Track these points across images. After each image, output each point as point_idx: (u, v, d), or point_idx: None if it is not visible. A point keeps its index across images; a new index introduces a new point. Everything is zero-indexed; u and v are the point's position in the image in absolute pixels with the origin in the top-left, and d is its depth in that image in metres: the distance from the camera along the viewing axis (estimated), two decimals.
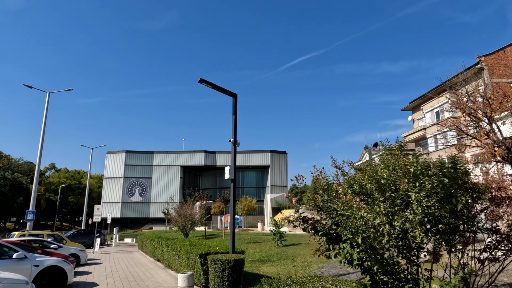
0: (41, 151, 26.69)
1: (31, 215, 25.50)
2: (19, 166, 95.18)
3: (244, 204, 38.23)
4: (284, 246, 19.82)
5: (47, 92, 28.06)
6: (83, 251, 17.45)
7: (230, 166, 9.82)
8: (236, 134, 10.08)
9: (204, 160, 56.07)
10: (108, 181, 56.88)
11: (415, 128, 44.93)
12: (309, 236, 7.02)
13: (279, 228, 20.28)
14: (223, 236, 28.22)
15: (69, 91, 28.94)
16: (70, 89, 28.98)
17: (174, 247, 12.40)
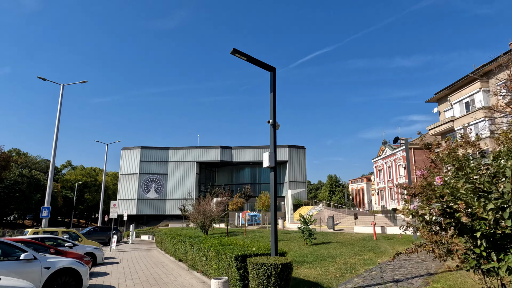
0: (56, 144, 25.79)
1: (46, 212, 24.60)
2: (36, 164, 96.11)
3: (264, 200, 36.75)
4: (314, 245, 18.24)
5: (61, 85, 27.16)
6: (99, 249, 16.27)
7: (270, 152, 8.29)
8: (275, 114, 8.54)
9: (220, 155, 54.78)
10: (124, 178, 56.28)
11: (442, 121, 42.49)
12: (339, 235, 5.24)
13: (308, 225, 18.70)
14: (244, 233, 26.80)
15: (83, 83, 27.97)
16: (84, 81, 28.01)
17: (200, 247, 10.97)
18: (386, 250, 14.82)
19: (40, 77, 26.67)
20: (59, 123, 26.19)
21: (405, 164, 56.55)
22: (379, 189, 66.41)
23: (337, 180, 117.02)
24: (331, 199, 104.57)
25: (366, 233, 23.03)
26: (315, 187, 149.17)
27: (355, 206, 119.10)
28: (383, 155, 64.28)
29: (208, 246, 10.09)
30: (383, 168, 63.83)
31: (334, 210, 40.38)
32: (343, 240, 19.75)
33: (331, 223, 27.76)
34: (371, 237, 20.11)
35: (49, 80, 27.03)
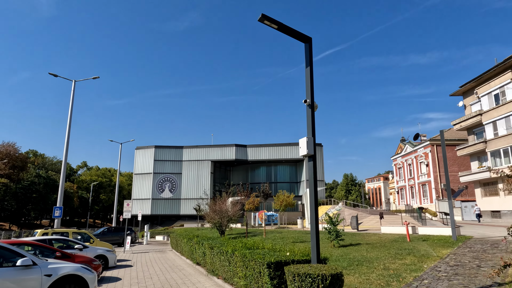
0: (68, 142, 24.97)
1: (58, 212, 23.80)
2: (53, 165, 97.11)
3: (282, 199, 35.29)
4: (342, 246, 16.72)
5: (73, 81, 26.38)
6: (111, 252, 15.15)
7: (308, 137, 6.86)
8: (313, 92, 7.12)
9: (235, 154, 53.55)
10: (138, 177, 55.67)
11: (468, 115, 40.15)
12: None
13: (335, 225, 17.19)
14: (263, 234, 25.42)
15: (95, 79, 27.13)
16: (96, 77, 27.16)
17: (222, 250, 9.63)
18: (428, 253, 13.19)
19: (52, 73, 25.96)
20: (71, 120, 25.40)
21: (427, 161, 54.19)
22: (399, 187, 64.04)
23: (353, 179, 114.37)
24: (347, 199, 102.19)
25: (396, 234, 21.33)
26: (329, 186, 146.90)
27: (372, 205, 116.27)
28: (402, 152, 61.93)
29: (232, 250, 8.74)
30: (403, 166, 61.48)
31: (354, 209, 38.61)
32: (373, 242, 18.14)
33: (355, 223, 26.11)
34: (403, 239, 18.44)
35: (60, 76, 26.30)
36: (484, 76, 38.80)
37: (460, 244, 15.22)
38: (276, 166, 56.49)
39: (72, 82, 26.23)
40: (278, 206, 35.65)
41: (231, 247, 9.14)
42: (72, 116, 25.55)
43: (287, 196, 35.61)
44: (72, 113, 25.61)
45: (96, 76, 27.07)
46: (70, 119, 25.36)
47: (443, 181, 49.30)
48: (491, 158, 36.31)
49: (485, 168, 36.70)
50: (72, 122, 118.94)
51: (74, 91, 26.00)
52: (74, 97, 25.88)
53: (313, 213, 6.66)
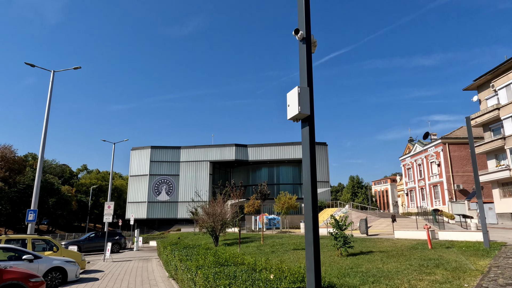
0: (45, 135, 22.57)
1: (32, 215, 21.25)
2: (52, 168, 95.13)
3: (283, 202, 32.56)
4: (351, 255, 13.98)
5: (52, 71, 24.03)
6: (72, 263, 12.56)
7: (302, 88, 4.21)
8: (308, 21, 4.48)
9: (235, 154, 50.88)
10: (133, 180, 53.25)
11: (484, 110, 37.21)
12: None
13: (342, 230, 14.47)
14: (261, 240, 22.72)
15: (76, 69, 24.73)
16: (77, 67, 24.80)
17: (188, 266, 6.98)
18: (462, 264, 10.42)
19: (28, 63, 23.65)
20: (48, 113, 23.00)
21: (439, 161, 51.10)
22: (408, 189, 60.89)
23: (360, 182, 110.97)
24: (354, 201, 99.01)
25: (412, 240, 18.53)
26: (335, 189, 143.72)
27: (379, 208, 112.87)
28: (411, 152, 58.88)
29: (196, 268, 6.09)
30: (413, 166, 58.40)
31: (362, 212, 35.75)
32: (388, 249, 15.38)
33: (364, 226, 23.32)
34: (423, 245, 15.66)
35: (38, 66, 23.95)
36: (502, 67, 35.87)
37: (497, 252, 12.43)
38: (279, 167, 53.69)
39: (50, 73, 23.89)
40: (279, 208, 32.93)
41: (197, 262, 6.49)
42: (50, 108, 23.17)
43: (289, 198, 32.87)
44: (50, 106, 23.24)
45: (78, 66, 24.73)
46: (48, 111, 22.98)
47: (456, 181, 46.21)
48: (511, 156, 33.30)
49: (504, 167, 33.73)
50: (74, 127, 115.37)
51: (52, 82, 23.70)
52: (52, 88, 23.56)
53: (309, 213, 4.03)
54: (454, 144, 48.08)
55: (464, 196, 45.01)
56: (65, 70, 24.66)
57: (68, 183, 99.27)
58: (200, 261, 6.62)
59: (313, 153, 4.06)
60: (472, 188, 44.43)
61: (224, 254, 7.36)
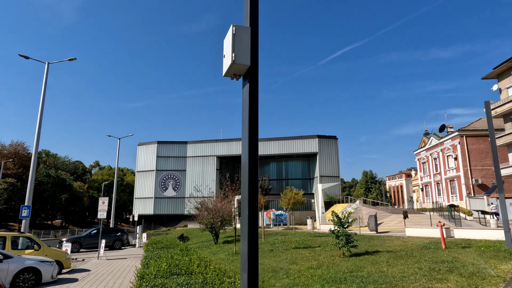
0: (40, 128, 21.88)
1: (26, 211, 20.64)
2: (64, 165, 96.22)
3: (289, 197, 31.15)
4: (354, 256, 12.60)
5: (46, 63, 23.33)
6: (48, 263, 11.62)
7: (238, 27, 2.89)
8: None
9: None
10: (140, 175, 52.80)
11: (505, 99, 34.90)
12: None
13: (345, 227, 13.08)
14: (262, 237, 21.50)
15: (71, 60, 23.94)
16: (72, 58, 24.01)
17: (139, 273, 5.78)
18: (480, 269, 8.94)
19: (22, 55, 22.99)
20: (43, 105, 22.32)
21: (456, 154, 48.74)
22: (423, 184, 58.58)
23: (373, 177, 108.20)
24: (367, 197, 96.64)
25: (425, 238, 16.98)
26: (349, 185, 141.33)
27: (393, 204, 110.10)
28: (427, 146, 56.49)
29: (140, 276, 4.90)
30: (428, 160, 56.05)
31: (374, 208, 34.09)
32: (396, 249, 13.93)
33: (373, 223, 21.80)
34: (436, 244, 14.13)
35: (32, 58, 23.28)
36: None
37: None
38: (287, 162, 52.24)
39: (45, 64, 23.19)
40: (285, 204, 31.57)
41: (150, 269, 5.29)
42: (44, 100, 22.47)
43: (295, 193, 31.46)
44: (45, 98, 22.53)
45: (73, 58, 23.93)
46: (42, 103, 22.30)
47: (475, 175, 43.86)
48: None
49: None
50: (88, 124, 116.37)
51: (47, 74, 23.02)
52: (47, 80, 22.86)
53: (246, 200, 2.85)
54: (472, 136, 45.62)
55: (483, 191, 42.65)
56: (60, 61, 23.97)
57: (81, 179, 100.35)
58: (153, 267, 5.42)
59: (254, 123, 2.82)
60: (492, 182, 42.07)
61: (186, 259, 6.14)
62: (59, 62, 24.22)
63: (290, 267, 11.06)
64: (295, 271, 10.16)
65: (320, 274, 9.42)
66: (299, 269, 10.46)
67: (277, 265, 11.54)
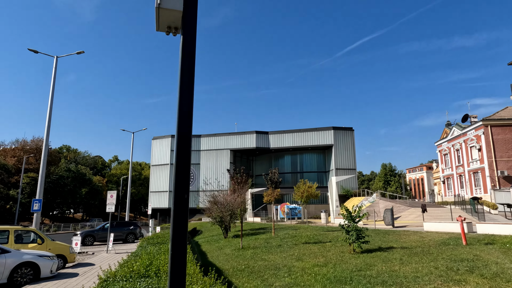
0: (50, 121, 21.89)
1: (37, 205, 20.79)
2: (84, 159, 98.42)
3: (303, 190, 30.40)
4: (365, 252, 11.79)
5: (55, 57, 23.28)
6: (47, 258, 11.37)
7: None
8: None
9: (255, 142, 49.04)
10: (155, 169, 53.12)
11: None
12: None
13: (356, 222, 12.26)
14: (272, 231, 20.88)
15: (79, 53, 23.81)
16: (80, 51, 23.88)
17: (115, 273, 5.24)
18: (505, 269, 8.00)
19: (31, 49, 23.04)
20: (52, 99, 22.31)
21: (480, 145, 46.49)
22: (445, 176, 56.42)
23: (392, 169, 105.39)
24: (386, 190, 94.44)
25: (444, 233, 15.92)
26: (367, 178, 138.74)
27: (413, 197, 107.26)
28: (448, 136, 54.19)
29: (105, 279, 4.33)
30: (450, 151, 53.82)
31: (391, 201, 32.85)
32: (412, 245, 13.01)
33: (390, 217, 20.78)
34: (456, 240, 13.12)
35: (41, 52, 23.31)
36: None
37: None
38: (302, 154, 51.23)
39: (54, 58, 23.16)
40: (298, 197, 30.83)
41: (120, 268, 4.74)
42: (54, 94, 22.47)
43: (308, 186, 30.64)
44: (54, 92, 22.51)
45: (81, 51, 23.80)
46: (52, 96, 22.30)
47: (500, 167, 41.68)
48: None
49: None
50: (109, 120, 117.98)
51: (56, 67, 23.00)
52: (56, 74, 22.84)
53: (178, 190, 2.14)
54: (497, 126, 43.28)
55: (509, 184, 40.48)
56: (68, 55, 23.89)
57: (100, 173, 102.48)
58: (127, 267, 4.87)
59: (190, 88, 2.14)
60: None
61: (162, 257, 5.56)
62: (67, 56, 24.14)
63: (294, 264, 10.39)
64: (299, 269, 9.49)
65: (325, 273, 8.70)
66: (304, 267, 9.78)
67: (282, 262, 10.89)
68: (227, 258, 12.57)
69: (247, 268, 10.08)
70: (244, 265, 10.57)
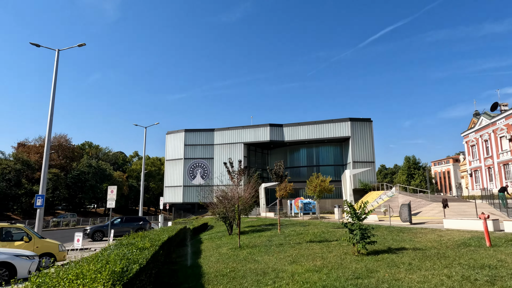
0: (52, 115, 21.52)
1: (40, 201, 20.47)
2: (105, 155, 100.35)
3: (315, 184, 29.00)
4: (371, 254, 10.41)
5: (56, 50, 22.92)
6: (24, 258, 10.70)
7: None
8: None
9: (269, 135, 47.72)
10: (169, 164, 52.92)
11: None
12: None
13: (361, 219, 10.88)
14: (278, 228, 19.69)
15: (81, 46, 23.30)
16: (82, 44, 23.35)
17: None
18: None
19: (33, 43, 22.68)
20: (54, 93, 21.92)
21: (510, 135, 43.22)
22: (472, 169, 53.22)
23: (416, 162, 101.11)
24: (410, 184, 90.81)
25: (466, 231, 14.22)
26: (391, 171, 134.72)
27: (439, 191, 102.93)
28: (476, 126, 50.93)
29: None
30: (477, 142, 50.60)
31: (412, 196, 30.86)
32: (427, 245, 11.50)
33: (407, 213, 19.09)
34: (479, 240, 11.50)
35: (43, 46, 22.93)
36: None
37: None
38: (318, 147, 49.50)
39: (55, 52, 22.77)
40: (311, 192, 29.45)
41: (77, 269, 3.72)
42: (56, 88, 22.08)
43: (322, 180, 29.18)
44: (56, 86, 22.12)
45: (82, 43, 23.26)
46: (53, 90, 21.93)
47: None
48: None
49: None
50: (130, 116, 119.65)
51: (57, 61, 22.63)
52: (58, 67, 22.45)
53: None
54: None
55: None
56: (70, 48, 23.44)
57: (121, 169, 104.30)
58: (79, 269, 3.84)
59: None
60: None
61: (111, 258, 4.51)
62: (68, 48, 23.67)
63: (286, 268, 9.18)
64: (288, 274, 8.28)
65: (316, 280, 7.46)
66: (295, 272, 8.56)
67: (274, 265, 9.71)
68: (218, 259, 11.53)
69: (232, 272, 8.97)
70: (230, 268, 9.48)
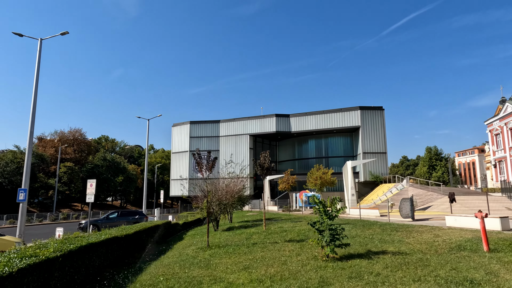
0: (34, 109, 20.79)
1: (22, 195, 19.83)
2: (121, 149, 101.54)
3: (316, 177, 27.24)
4: (341, 259, 8.80)
5: (39, 39, 22.13)
6: None
7: None
8: None
9: (275, 125, 45.94)
10: (175, 156, 52.27)
11: None
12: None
13: (330, 218, 9.23)
14: (263, 225, 18.20)
15: (64, 34, 22.41)
16: (65, 32, 22.46)
17: None
18: None
19: (16, 33, 21.98)
20: (37, 84, 21.17)
21: None
22: (496, 159, 49.61)
23: (438, 153, 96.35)
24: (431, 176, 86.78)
25: (469, 230, 12.29)
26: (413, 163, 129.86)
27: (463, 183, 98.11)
28: (501, 113, 47.25)
29: None
30: (502, 131, 46.95)
31: (423, 189, 28.56)
32: (414, 249, 9.74)
33: (408, 208, 17.14)
34: (477, 243, 9.65)
35: (26, 35, 22.22)
36: None
37: None
38: (327, 138, 47.31)
39: (38, 41, 21.97)
40: (312, 185, 27.73)
41: None
42: (38, 80, 21.32)
43: (323, 172, 27.36)
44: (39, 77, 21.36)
45: (65, 32, 22.35)
46: (36, 82, 21.17)
47: None
48: None
49: None
50: (144, 110, 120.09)
51: (40, 50, 21.89)
52: (40, 57, 21.68)
53: None
54: None
55: None
56: (53, 36, 22.57)
57: (137, 162, 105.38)
58: None
59: None
60: None
61: None
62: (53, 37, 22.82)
63: (232, 277, 7.74)
64: (222, 287, 6.83)
65: None
66: (236, 283, 7.11)
67: (222, 273, 8.29)
68: (173, 262, 10.24)
69: (166, 281, 7.61)
70: (169, 276, 8.14)
